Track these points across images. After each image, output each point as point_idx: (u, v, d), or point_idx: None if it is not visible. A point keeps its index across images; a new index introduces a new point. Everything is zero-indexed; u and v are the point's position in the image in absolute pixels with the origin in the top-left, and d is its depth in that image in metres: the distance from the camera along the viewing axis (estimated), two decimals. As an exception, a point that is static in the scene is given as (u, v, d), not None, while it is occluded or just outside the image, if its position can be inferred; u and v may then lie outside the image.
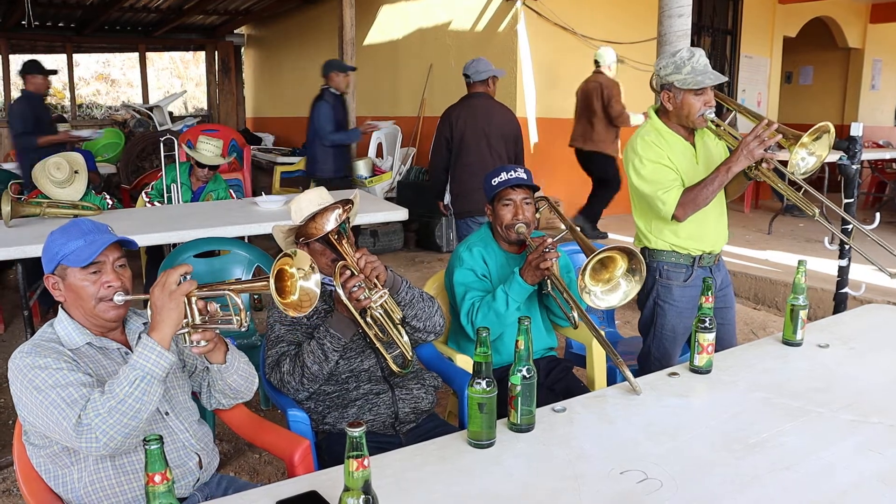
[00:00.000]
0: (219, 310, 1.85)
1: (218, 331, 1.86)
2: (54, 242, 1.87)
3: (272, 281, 1.68)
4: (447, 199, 4.99)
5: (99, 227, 1.91)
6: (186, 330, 1.80)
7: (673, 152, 2.74)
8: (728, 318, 3.00)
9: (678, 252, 2.84)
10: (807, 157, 2.62)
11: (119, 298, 1.87)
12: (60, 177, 4.34)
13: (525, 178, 2.71)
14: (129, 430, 1.67)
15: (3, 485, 3.07)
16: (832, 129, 2.58)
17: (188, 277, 1.78)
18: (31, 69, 6.19)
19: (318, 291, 1.80)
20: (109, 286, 1.86)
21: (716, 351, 2.26)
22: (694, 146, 2.80)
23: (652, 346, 2.96)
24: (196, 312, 1.79)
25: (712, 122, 2.69)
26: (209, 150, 4.98)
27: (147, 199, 5.09)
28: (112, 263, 1.88)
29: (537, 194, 2.81)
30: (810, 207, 2.72)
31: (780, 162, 2.65)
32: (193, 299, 1.78)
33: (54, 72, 6.43)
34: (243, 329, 1.81)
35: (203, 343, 1.83)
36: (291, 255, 1.76)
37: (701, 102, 2.66)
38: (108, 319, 1.89)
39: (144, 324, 2.01)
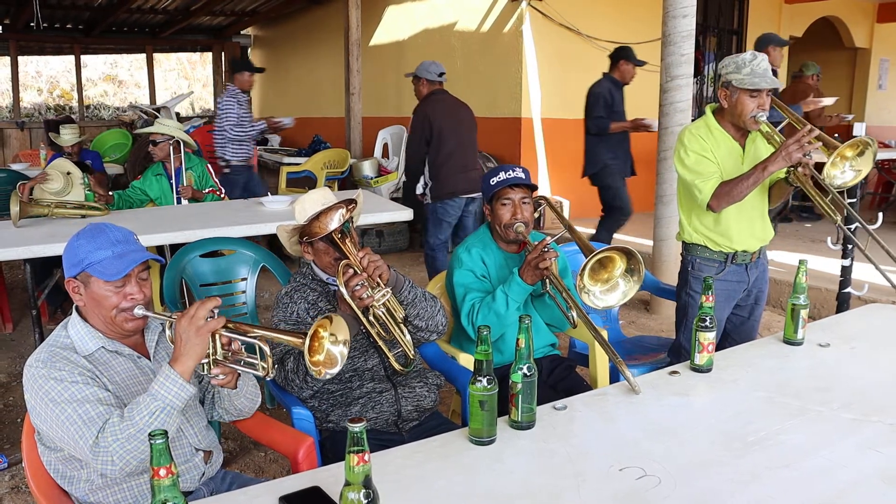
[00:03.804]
0: (243, 349, 1.84)
1: (238, 371, 1.85)
2: (80, 248, 1.84)
3: (308, 339, 1.68)
4: (419, 189, 5.37)
5: (127, 238, 1.89)
6: (207, 361, 1.79)
7: (718, 148, 2.84)
8: (756, 314, 3.13)
9: (711, 248, 2.94)
10: (847, 170, 2.72)
11: (139, 312, 1.86)
12: (57, 186, 4.35)
13: (523, 177, 2.72)
14: (145, 456, 1.69)
15: (12, 482, 3.11)
16: (875, 144, 2.66)
17: (217, 313, 1.77)
18: (623, 55, 6.00)
19: (342, 360, 1.78)
20: (132, 298, 1.86)
21: (738, 345, 2.28)
22: (744, 148, 2.88)
23: (682, 338, 3.04)
24: (220, 348, 1.79)
25: (765, 124, 2.76)
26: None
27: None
28: (136, 276, 1.87)
29: (536, 193, 2.83)
30: (834, 214, 2.81)
31: (815, 168, 2.72)
32: (218, 335, 1.77)
33: (643, 63, 6.12)
34: (269, 378, 1.81)
35: (221, 377, 1.84)
36: (331, 319, 1.76)
37: (755, 104, 2.74)
38: (125, 330, 1.90)
39: (161, 322, 2.02)
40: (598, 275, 2.40)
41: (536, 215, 2.83)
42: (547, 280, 2.56)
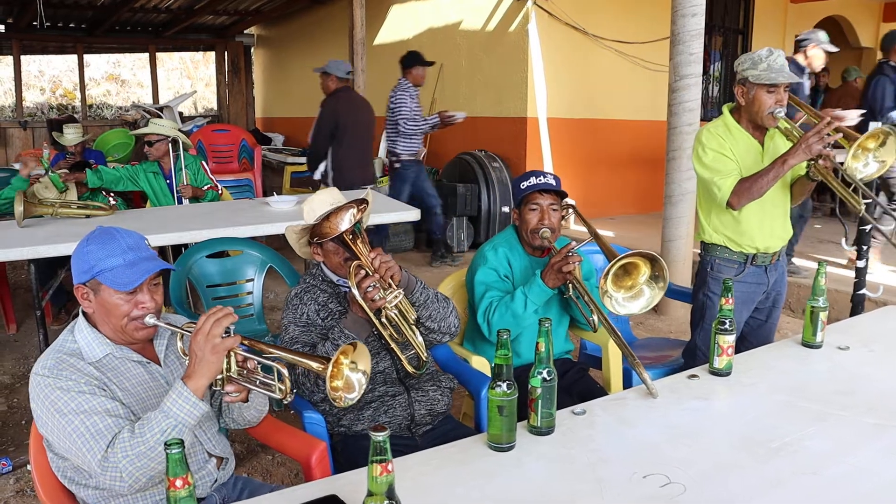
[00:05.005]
0: (258, 368, 1.79)
1: (252, 390, 1.80)
2: (90, 254, 1.79)
3: (330, 366, 1.64)
4: (318, 175, 5.83)
5: (138, 244, 1.84)
6: (221, 378, 1.75)
7: (737, 146, 2.81)
8: (773, 317, 3.09)
9: (731, 248, 2.90)
10: (871, 162, 2.68)
11: (150, 321, 1.81)
12: (50, 195, 4.32)
13: (553, 183, 2.70)
14: (155, 473, 1.65)
15: (17, 485, 3.06)
16: None
17: (233, 330, 1.72)
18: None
19: (359, 389, 1.73)
20: (144, 307, 1.80)
21: (755, 347, 2.24)
22: (763, 145, 2.84)
23: (699, 339, 3.00)
24: (234, 365, 1.75)
25: (783, 120, 2.73)
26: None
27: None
28: (148, 284, 1.82)
29: (564, 201, 2.80)
30: (858, 204, 2.77)
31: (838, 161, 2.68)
32: (234, 352, 1.73)
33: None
34: (286, 402, 1.75)
35: (235, 394, 1.79)
36: (354, 346, 1.72)
37: (772, 100, 2.71)
38: (136, 338, 1.85)
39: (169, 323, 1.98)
40: (622, 281, 2.37)
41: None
42: (570, 284, 2.53)
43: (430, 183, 6.77)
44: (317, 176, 5.82)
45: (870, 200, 3.43)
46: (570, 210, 2.93)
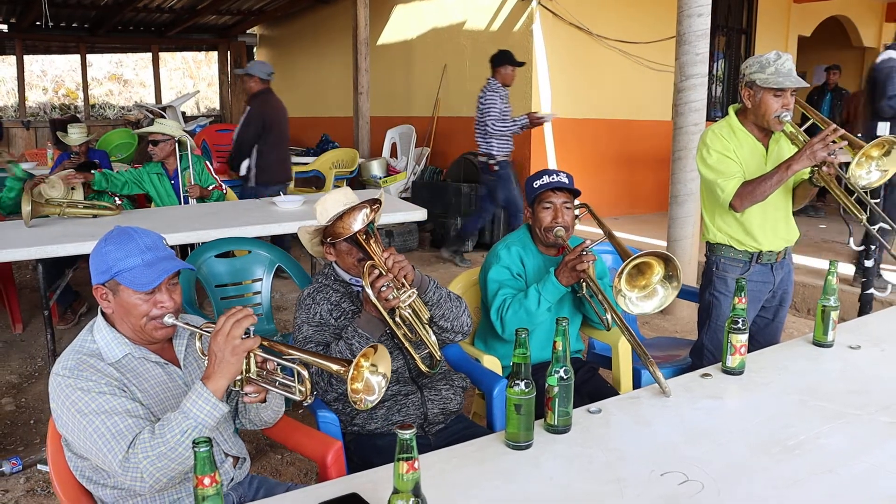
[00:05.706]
0: (278, 368, 1.78)
1: (272, 391, 1.79)
2: (109, 254, 1.79)
3: (351, 368, 1.63)
4: (243, 171, 6.02)
5: (156, 244, 1.84)
6: (240, 379, 1.74)
7: (741, 148, 2.81)
8: (780, 316, 3.09)
9: (736, 248, 2.91)
10: (873, 170, 2.69)
11: (168, 321, 1.81)
12: (57, 193, 4.33)
13: (566, 182, 2.70)
14: (176, 473, 1.66)
15: (27, 484, 3.06)
16: None
17: (252, 331, 1.72)
18: None
19: (379, 392, 1.73)
20: (163, 307, 1.80)
21: (762, 346, 2.24)
22: (767, 148, 2.85)
23: (706, 338, 3.01)
24: (254, 366, 1.74)
25: (789, 124, 2.73)
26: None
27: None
28: (166, 283, 1.81)
29: (577, 201, 2.80)
30: (860, 213, 2.79)
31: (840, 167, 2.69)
32: (253, 353, 1.73)
33: None
34: (307, 403, 1.75)
35: (254, 395, 1.78)
36: (375, 349, 1.72)
37: (779, 104, 2.72)
38: (154, 338, 1.85)
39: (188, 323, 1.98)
40: (636, 281, 2.37)
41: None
42: (583, 283, 2.54)
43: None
44: (242, 172, 6.05)
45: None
46: (585, 210, 2.94)
